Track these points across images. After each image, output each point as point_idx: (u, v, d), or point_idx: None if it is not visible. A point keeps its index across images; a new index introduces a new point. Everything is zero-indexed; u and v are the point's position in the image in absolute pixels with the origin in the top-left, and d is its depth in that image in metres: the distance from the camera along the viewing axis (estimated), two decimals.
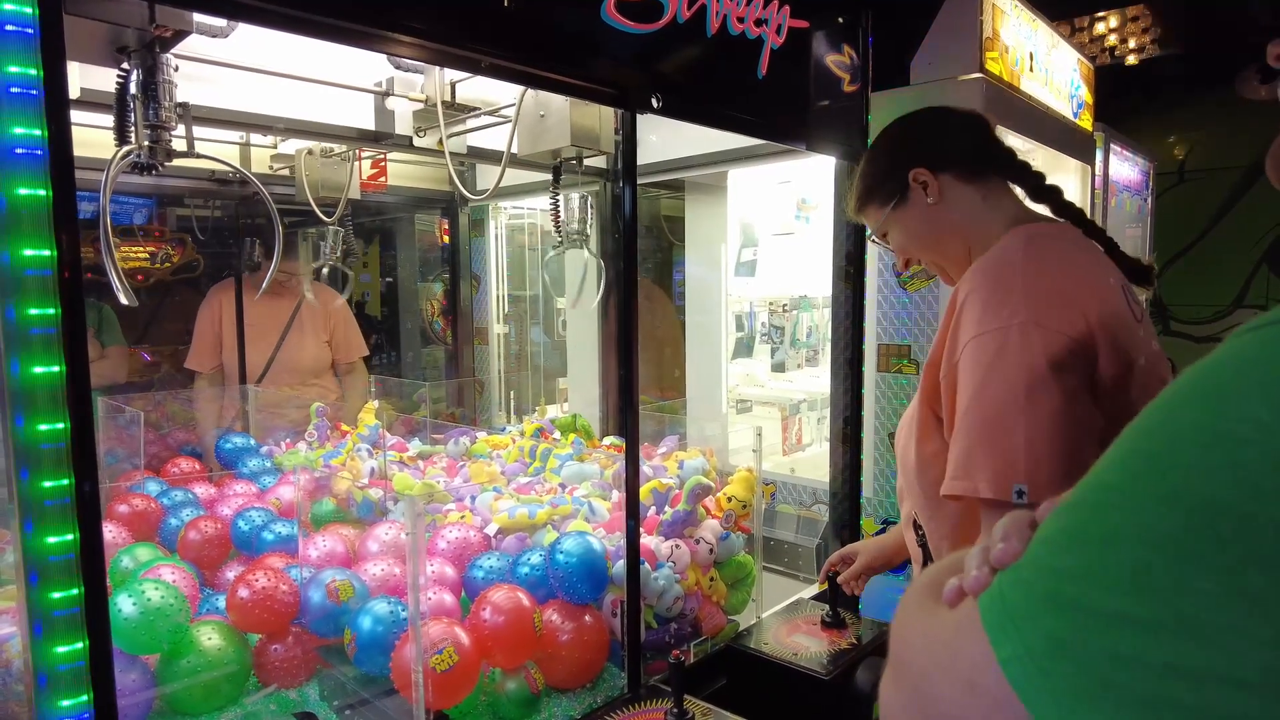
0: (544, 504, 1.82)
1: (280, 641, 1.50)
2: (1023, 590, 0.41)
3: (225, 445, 2.61)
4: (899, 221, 1.34)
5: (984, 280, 1.15)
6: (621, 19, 1.38)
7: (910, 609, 0.53)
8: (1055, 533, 0.42)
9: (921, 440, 1.25)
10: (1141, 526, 0.36)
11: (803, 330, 2.89)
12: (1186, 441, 0.36)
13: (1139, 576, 0.35)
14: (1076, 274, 1.15)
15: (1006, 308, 1.09)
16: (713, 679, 1.65)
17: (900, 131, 1.38)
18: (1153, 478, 0.37)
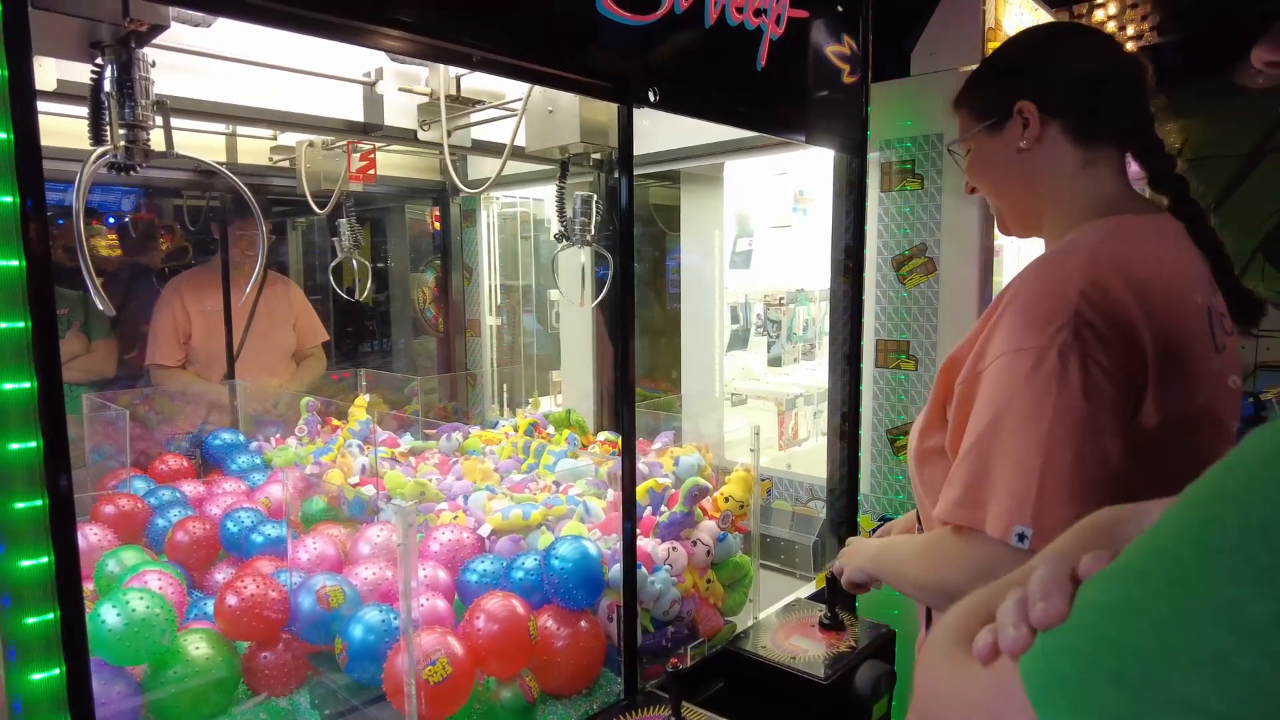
0: (538, 504, 1.79)
1: (270, 649, 1.47)
2: (1076, 662, 0.38)
3: (214, 441, 2.57)
4: (983, 145, 1.18)
5: (1031, 287, 1.02)
6: (618, 10, 1.33)
7: (938, 658, 0.50)
8: (1115, 602, 0.39)
9: (924, 433, 1.17)
10: (1228, 610, 0.33)
11: (799, 324, 2.86)
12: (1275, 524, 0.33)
13: (1222, 664, 0.32)
14: (1150, 294, 0.99)
15: (1052, 325, 0.95)
16: (710, 682, 1.63)
17: (1035, 46, 1.17)
18: (1243, 557, 0.33)
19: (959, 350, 1.11)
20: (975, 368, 1.03)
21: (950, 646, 0.51)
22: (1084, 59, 1.12)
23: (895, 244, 2.11)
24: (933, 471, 1.15)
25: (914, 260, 2.08)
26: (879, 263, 2.13)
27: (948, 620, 0.55)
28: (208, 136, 2.49)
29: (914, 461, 1.19)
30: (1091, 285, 0.96)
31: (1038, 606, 0.43)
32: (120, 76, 1.08)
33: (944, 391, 1.12)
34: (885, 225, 2.12)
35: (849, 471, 2.12)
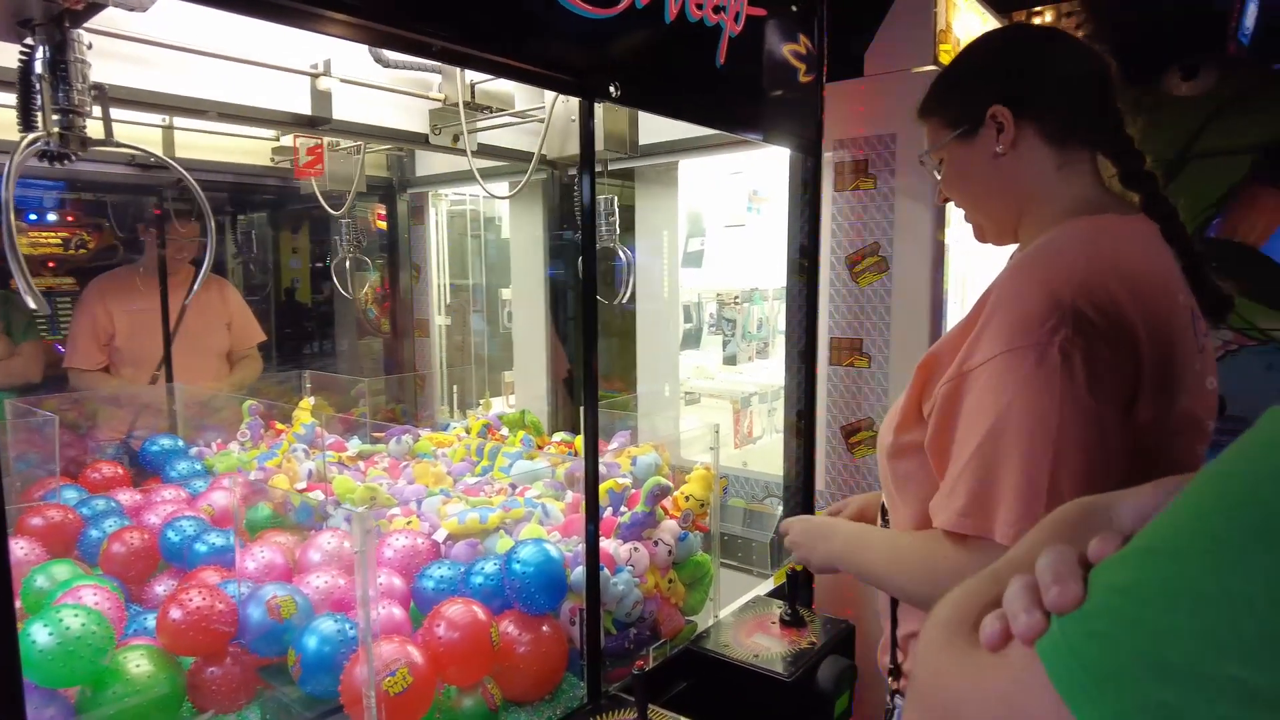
0: (495, 507, 1.75)
1: (218, 664, 1.41)
2: (1106, 648, 0.37)
3: (151, 448, 2.45)
4: (957, 154, 1.16)
5: (1024, 283, 0.99)
6: (578, 3, 1.31)
7: (941, 648, 0.49)
8: (1144, 585, 0.37)
9: (900, 429, 1.14)
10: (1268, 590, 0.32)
11: (753, 323, 2.87)
12: None
13: (1271, 644, 0.31)
14: (1142, 290, 0.97)
15: (1048, 320, 0.92)
16: (673, 683, 1.62)
17: (1002, 49, 1.16)
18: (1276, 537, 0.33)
19: (940, 349, 1.09)
20: (961, 368, 1.00)
21: (951, 636, 0.49)
22: (1054, 60, 1.12)
23: (849, 242, 2.13)
24: (908, 466, 1.13)
25: (867, 259, 2.11)
26: (833, 261, 2.15)
27: (941, 615, 0.53)
28: (141, 130, 2.39)
29: (887, 456, 1.17)
30: (1088, 281, 0.95)
31: (1051, 590, 0.42)
32: (53, 58, 1.01)
33: (921, 389, 1.10)
34: (839, 224, 2.14)
35: (805, 468, 2.14)
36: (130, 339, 2.79)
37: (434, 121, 2.20)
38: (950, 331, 1.08)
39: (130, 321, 2.79)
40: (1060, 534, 0.67)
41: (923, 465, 1.10)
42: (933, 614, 0.55)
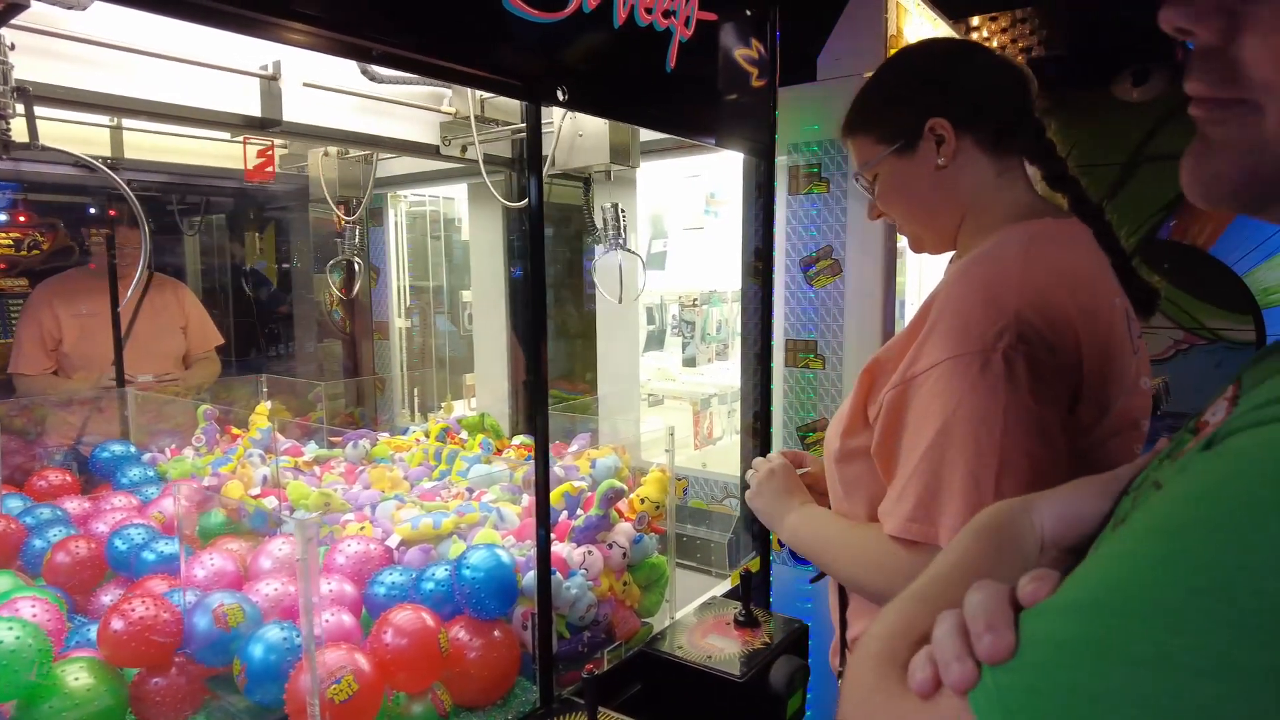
0: (449, 512, 1.74)
1: (162, 675, 1.38)
2: (1040, 706, 0.36)
3: (102, 454, 2.40)
4: (894, 170, 1.14)
5: (968, 290, 1.00)
6: (524, 7, 1.31)
7: (870, 688, 0.47)
8: (1078, 640, 0.36)
9: (846, 434, 1.15)
10: (1213, 657, 0.31)
11: (713, 325, 2.89)
12: (1266, 566, 0.31)
13: (1209, 713, 0.30)
14: (1081, 293, 1.00)
15: (995, 326, 0.94)
16: (627, 685, 1.62)
17: (927, 62, 1.16)
18: (1228, 604, 0.32)
19: (884, 355, 1.10)
20: (906, 374, 1.01)
21: (880, 679, 0.48)
22: (982, 71, 1.13)
23: (803, 245, 2.15)
24: (855, 471, 1.14)
25: (821, 261, 2.13)
26: (788, 264, 2.17)
27: (869, 647, 0.52)
28: (92, 130, 2.35)
29: (834, 460, 1.19)
30: (1029, 286, 0.97)
31: (984, 640, 0.41)
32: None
33: (866, 394, 1.11)
34: (793, 227, 2.16)
35: None
36: (79, 343, 2.74)
37: (444, 134, 2.32)
38: (895, 338, 1.10)
39: (79, 326, 2.73)
40: (987, 544, 0.68)
41: (869, 469, 1.12)
42: (862, 645, 0.54)
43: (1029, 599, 0.42)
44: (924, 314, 1.04)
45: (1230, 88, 0.44)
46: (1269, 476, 0.33)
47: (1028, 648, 0.38)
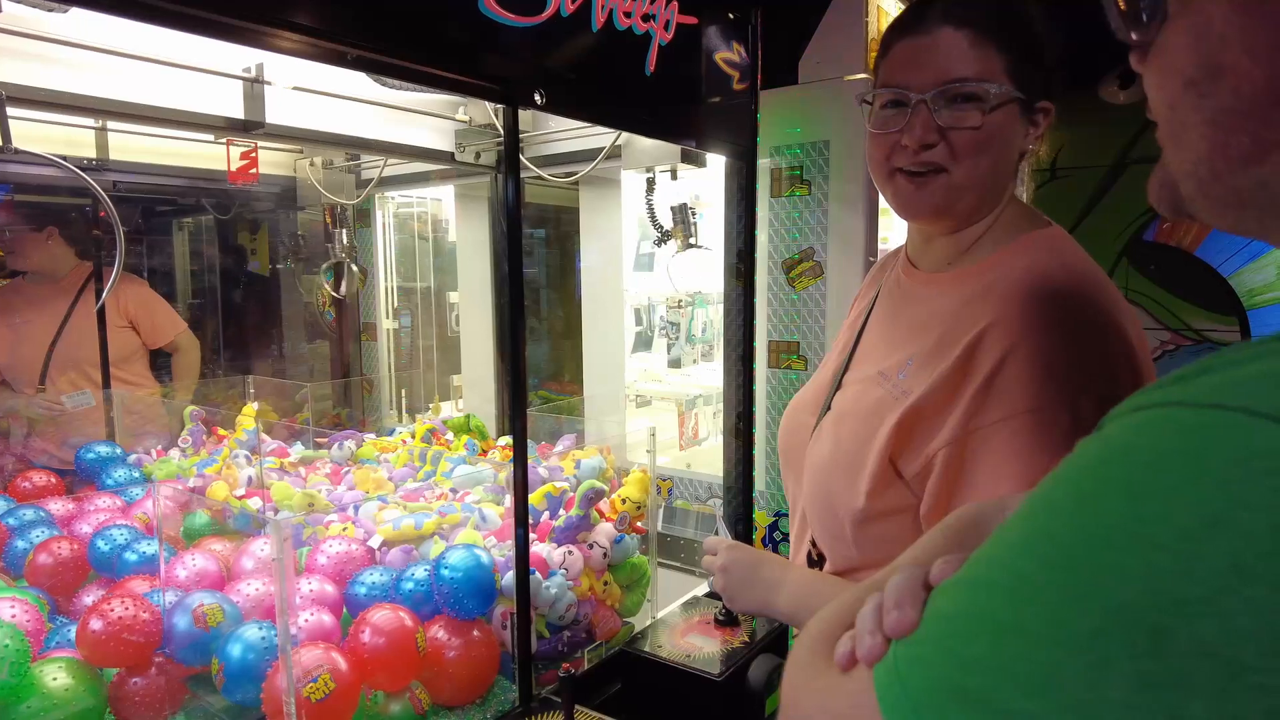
0: (432, 513, 1.75)
1: (142, 674, 1.39)
2: (924, 674, 0.38)
3: (87, 455, 2.41)
4: (986, 126, 0.96)
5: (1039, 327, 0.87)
6: (501, 11, 1.32)
7: (802, 665, 0.50)
8: (959, 613, 0.39)
9: (872, 494, 1.01)
10: (1055, 624, 0.33)
11: (698, 326, 2.90)
12: (1102, 540, 0.33)
13: (1051, 678, 0.32)
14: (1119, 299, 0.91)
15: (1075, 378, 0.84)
16: (608, 685, 1.63)
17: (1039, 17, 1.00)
18: (1068, 572, 0.34)
19: (921, 402, 0.95)
20: (969, 426, 0.90)
21: (812, 655, 0.51)
22: None
23: (785, 248, 2.17)
24: (886, 530, 1.01)
25: (803, 263, 2.15)
26: (770, 266, 2.19)
27: (811, 628, 0.55)
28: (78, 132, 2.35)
29: (854, 522, 1.04)
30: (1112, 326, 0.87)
31: (891, 615, 0.43)
32: None
33: (900, 447, 0.98)
34: (775, 230, 2.17)
35: (744, 470, 2.17)
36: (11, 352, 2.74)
37: (459, 140, 2.39)
38: (932, 382, 0.95)
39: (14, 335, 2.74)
40: (950, 542, 0.69)
41: (909, 528, 1.00)
42: (805, 627, 0.57)
43: (935, 579, 0.44)
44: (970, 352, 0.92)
45: None
46: (1110, 456, 0.35)
47: (924, 622, 0.41)
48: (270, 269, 4.02)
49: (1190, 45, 0.44)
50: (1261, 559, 0.28)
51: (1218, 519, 0.30)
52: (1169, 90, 0.46)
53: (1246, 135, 0.42)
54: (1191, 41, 0.43)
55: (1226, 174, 0.44)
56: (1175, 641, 0.29)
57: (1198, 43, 0.43)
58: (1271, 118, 0.41)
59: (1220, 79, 0.42)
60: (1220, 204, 0.46)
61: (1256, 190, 0.43)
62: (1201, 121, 0.44)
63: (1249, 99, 0.41)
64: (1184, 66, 0.44)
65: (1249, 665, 0.27)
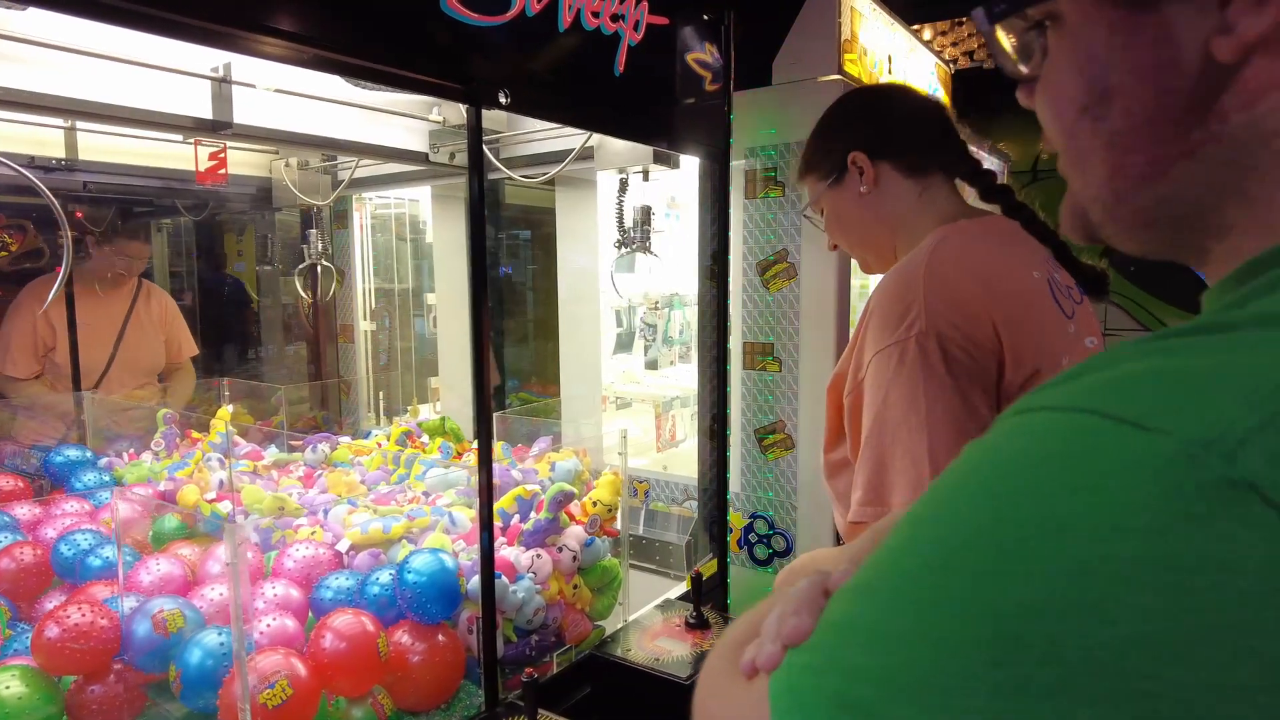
0: (401, 516, 1.74)
1: (100, 682, 1.37)
2: (812, 681, 0.38)
3: (56, 459, 2.38)
4: (831, 201, 1.31)
5: (885, 291, 1.12)
6: (464, 10, 1.31)
7: (713, 672, 0.50)
8: (846, 620, 0.38)
9: (827, 449, 1.27)
10: (930, 630, 0.33)
11: (675, 328, 2.89)
12: (961, 545, 0.33)
13: (925, 686, 0.32)
14: (986, 274, 1.10)
15: (905, 319, 1.05)
16: (577, 688, 1.63)
17: (848, 107, 1.33)
18: (932, 578, 0.34)
19: (839, 368, 1.21)
20: (856, 378, 1.13)
21: (722, 662, 0.50)
22: (896, 109, 1.30)
23: (760, 249, 2.16)
24: (842, 482, 1.22)
25: (777, 265, 2.14)
26: (745, 268, 2.18)
27: (727, 634, 0.54)
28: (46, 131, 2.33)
29: (826, 477, 1.29)
30: (933, 278, 1.07)
31: (789, 622, 0.43)
32: None
33: (835, 408, 1.22)
34: (750, 231, 2.17)
35: (719, 472, 2.16)
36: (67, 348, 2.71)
37: (433, 141, 2.37)
38: (845, 352, 1.21)
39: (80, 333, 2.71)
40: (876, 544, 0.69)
41: (851, 477, 1.18)
42: (724, 633, 0.56)
43: (833, 586, 0.44)
44: (862, 323, 1.16)
45: None
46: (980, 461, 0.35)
47: (816, 630, 0.40)
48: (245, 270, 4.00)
49: (1076, 73, 0.45)
50: (1105, 562, 0.28)
51: (1064, 522, 0.29)
52: (1064, 119, 0.46)
53: (1142, 154, 0.43)
54: (1077, 69, 0.44)
55: (1129, 194, 0.45)
56: (1031, 647, 0.29)
57: (1083, 70, 0.44)
58: (1164, 134, 0.42)
59: (1111, 102, 0.43)
60: (1128, 226, 0.47)
61: (1159, 208, 0.44)
62: (1099, 146, 0.45)
63: (1140, 118, 0.42)
64: (1075, 94, 0.45)
65: (1124, 670, 0.27)
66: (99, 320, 2.77)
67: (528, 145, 2.34)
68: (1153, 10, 0.40)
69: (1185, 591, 0.26)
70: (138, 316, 2.84)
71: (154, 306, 2.93)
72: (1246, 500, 0.26)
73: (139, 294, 2.88)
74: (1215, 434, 0.28)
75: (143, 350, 2.87)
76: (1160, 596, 0.27)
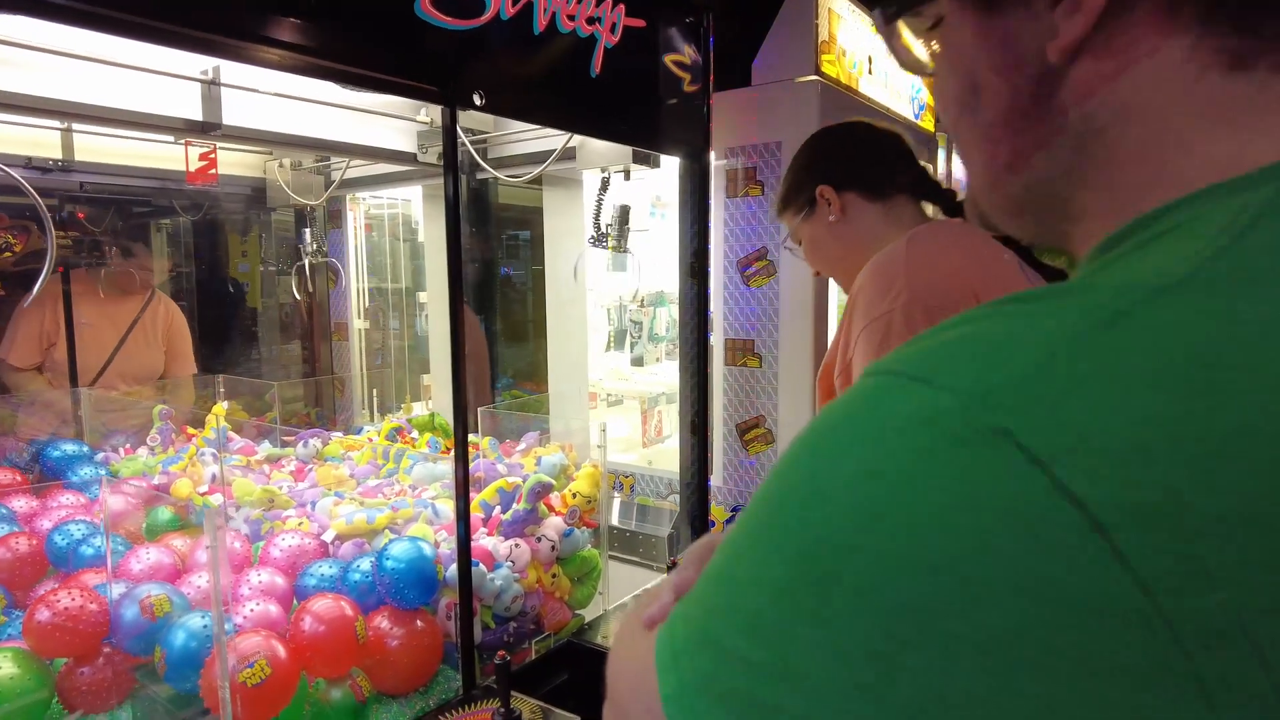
0: (385, 508, 1.78)
1: (89, 664, 1.42)
2: (684, 625, 0.41)
3: (53, 453, 2.43)
4: (806, 232, 1.46)
5: (868, 274, 1.23)
6: (438, 15, 1.35)
7: (623, 633, 0.54)
8: (711, 567, 0.42)
9: None
10: (761, 571, 0.36)
11: (661, 325, 2.93)
12: (794, 493, 0.37)
13: (757, 621, 0.35)
14: (961, 252, 1.22)
15: (890, 293, 1.15)
16: (554, 675, 1.67)
17: (814, 145, 1.49)
18: (772, 526, 0.37)
19: (828, 358, 1.32)
20: (845, 358, 1.23)
21: (634, 618, 0.54)
22: (853, 143, 1.44)
23: (740, 247, 2.21)
24: None
25: (757, 262, 2.19)
26: (726, 265, 2.22)
27: (644, 597, 0.59)
28: (43, 132, 2.38)
29: None
30: (913, 260, 1.19)
31: (681, 574, 0.47)
32: None
33: (828, 396, 1.32)
34: (731, 230, 2.21)
35: (701, 466, 2.20)
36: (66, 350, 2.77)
37: (421, 142, 2.41)
38: (832, 342, 1.32)
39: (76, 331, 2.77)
40: None
41: None
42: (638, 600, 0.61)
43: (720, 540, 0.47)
44: (848, 310, 1.26)
45: None
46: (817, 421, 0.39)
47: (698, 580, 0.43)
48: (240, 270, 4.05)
49: (954, 70, 0.49)
50: (901, 508, 0.31)
51: (870, 472, 0.33)
52: (950, 114, 0.51)
53: (1007, 145, 0.47)
54: (954, 67, 0.49)
55: (1001, 183, 0.49)
56: (830, 580, 0.32)
57: (958, 67, 0.49)
58: (1021, 126, 0.46)
59: (979, 96, 0.47)
60: (1005, 212, 0.51)
61: (1026, 195, 0.49)
62: (976, 138, 0.49)
63: (1003, 110, 0.46)
64: (955, 90, 0.49)
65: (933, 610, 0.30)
66: (102, 323, 2.82)
67: (515, 145, 2.38)
68: (1000, 14, 0.45)
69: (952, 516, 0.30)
70: (143, 325, 2.90)
71: (161, 317, 2.98)
72: (1003, 443, 0.30)
73: (150, 303, 2.94)
74: (983, 388, 0.32)
75: (141, 358, 2.92)
76: (936, 526, 0.31)
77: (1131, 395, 0.30)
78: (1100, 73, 0.42)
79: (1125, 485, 0.28)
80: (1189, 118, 0.39)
